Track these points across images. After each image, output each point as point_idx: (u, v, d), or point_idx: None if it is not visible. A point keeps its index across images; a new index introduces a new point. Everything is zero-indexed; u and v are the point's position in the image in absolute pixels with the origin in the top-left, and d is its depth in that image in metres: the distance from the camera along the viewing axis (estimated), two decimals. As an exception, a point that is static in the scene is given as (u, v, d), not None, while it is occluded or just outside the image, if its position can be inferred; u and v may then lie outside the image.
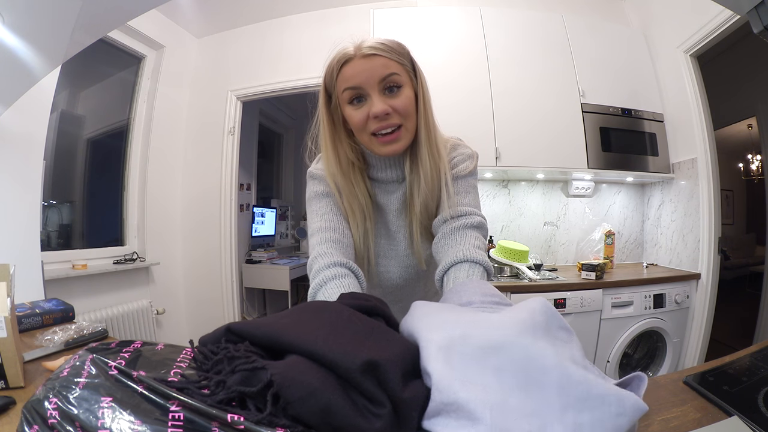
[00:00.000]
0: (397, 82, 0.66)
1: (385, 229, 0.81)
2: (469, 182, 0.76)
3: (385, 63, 0.65)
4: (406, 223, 0.79)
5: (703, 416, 0.52)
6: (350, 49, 0.66)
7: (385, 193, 0.79)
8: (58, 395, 0.30)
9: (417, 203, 0.74)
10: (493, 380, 0.33)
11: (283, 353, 0.37)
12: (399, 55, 0.67)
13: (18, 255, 1.52)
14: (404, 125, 0.68)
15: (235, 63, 2.74)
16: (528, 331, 0.36)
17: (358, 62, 0.65)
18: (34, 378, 0.66)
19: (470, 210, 0.71)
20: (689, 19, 2.04)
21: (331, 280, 0.62)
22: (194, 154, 2.79)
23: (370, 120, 0.66)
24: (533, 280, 1.84)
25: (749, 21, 0.64)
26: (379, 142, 0.68)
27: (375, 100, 0.65)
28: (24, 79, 1.06)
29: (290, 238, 4.25)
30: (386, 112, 0.65)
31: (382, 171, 0.77)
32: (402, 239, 0.80)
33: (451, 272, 0.63)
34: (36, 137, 1.64)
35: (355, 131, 0.71)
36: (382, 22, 2.18)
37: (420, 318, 0.44)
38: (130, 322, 2.19)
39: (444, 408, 0.34)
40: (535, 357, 0.34)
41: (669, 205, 2.34)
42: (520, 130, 2.14)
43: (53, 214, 2.17)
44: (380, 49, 0.65)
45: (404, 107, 0.67)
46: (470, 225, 0.69)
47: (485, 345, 0.35)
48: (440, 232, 0.71)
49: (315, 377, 0.33)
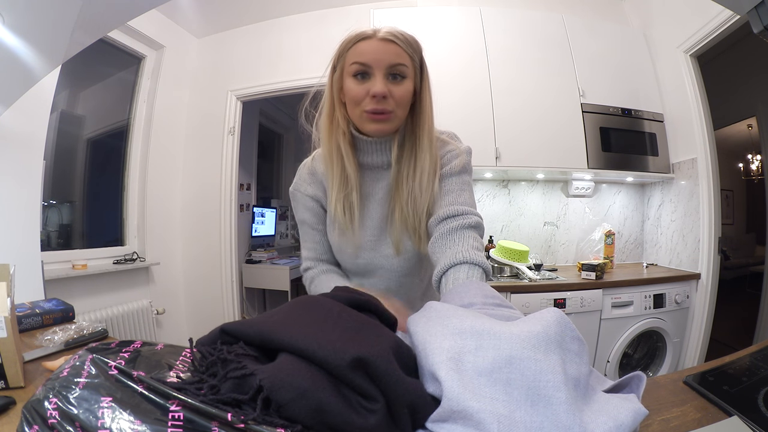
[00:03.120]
0: (402, 73, 0.70)
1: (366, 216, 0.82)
2: (463, 179, 0.76)
3: (398, 52, 0.69)
4: (388, 212, 0.79)
5: (703, 416, 0.52)
6: (369, 31, 0.70)
7: (372, 180, 0.80)
8: (58, 395, 0.30)
9: (404, 191, 0.75)
10: (502, 393, 0.33)
11: (276, 351, 0.37)
12: (412, 49, 0.71)
13: (18, 255, 1.52)
14: (395, 112, 0.71)
15: (235, 63, 2.74)
16: (540, 345, 0.36)
17: (373, 42, 0.69)
18: (34, 378, 0.65)
19: (467, 209, 0.71)
20: (689, 19, 2.04)
21: (318, 276, 0.79)
22: (194, 154, 2.79)
23: (368, 97, 0.70)
24: (533, 280, 1.84)
25: (749, 21, 0.64)
26: (370, 118, 0.71)
27: (378, 81, 0.69)
28: (24, 79, 1.06)
29: (290, 238, 4.25)
30: (384, 95, 0.69)
31: (369, 155, 0.78)
32: (379, 226, 0.81)
33: (450, 274, 0.62)
34: (36, 137, 1.64)
35: (349, 104, 0.73)
36: (382, 22, 2.18)
37: (432, 321, 0.44)
38: (130, 322, 2.19)
39: (452, 415, 0.34)
40: (545, 372, 0.34)
41: (669, 205, 2.34)
42: (520, 130, 2.14)
43: (53, 214, 2.17)
44: (397, 38, 0.69)
45: (401, 97, 0.71)
46: (468, 225, 0.69)
47: (497, 357, 0.35)
48: (437, 232, 0.70)
49: (305, 378, 0.33)
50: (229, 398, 0.31)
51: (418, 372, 0.41)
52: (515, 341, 0.36)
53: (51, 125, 1.75)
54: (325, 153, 0.78)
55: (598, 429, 0.32)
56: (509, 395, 0.33)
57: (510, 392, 0.33)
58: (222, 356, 0.35)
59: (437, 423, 0.35)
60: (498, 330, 0.38)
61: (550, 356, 0.35)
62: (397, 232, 0.77)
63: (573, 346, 0.39)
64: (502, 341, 0.36)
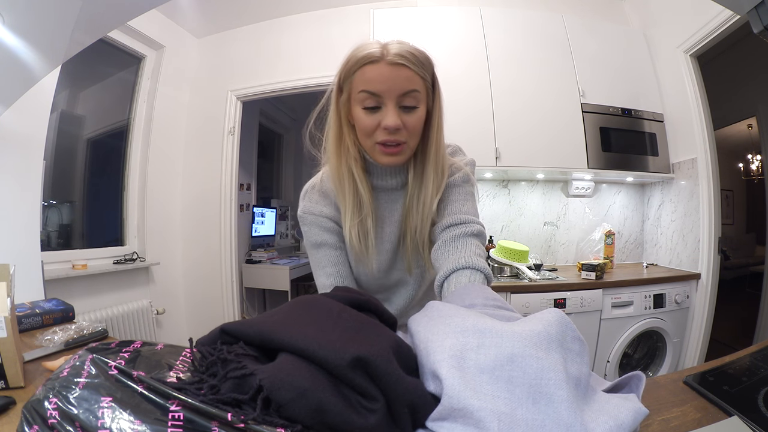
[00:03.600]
0: (415, 101, 0.66)
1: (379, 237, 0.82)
2: (467, 190, 0.77)
3: (410, 77, 0.64)
4: (401, 233, 0.79)
5: (703, 416, 0.52)
6: (377, 51, 0.64)
7: (387, 202, 0.79)
8: (58, 395, 0.30)
9: (415, 211, 0.75)
10: (504, 391, 0.33)
11: (276, 351, 0.37)
12: (423, 70, 0.67)
13: (18, 255, 1.52)
14: (408, 143, 0.69)
15: (235, 63, 2.74)
16: (542, 343, 0.36)
17: (383, 67, 0.64)
18: (34, 378, 0.66)
19: (470, 218, 0.72)
20: (689, 19, 2.04)
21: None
22: (194, 154, 2.79)
23: (379, 129, 0.66)
24: (533, 280, 1.84)
25: (749, 21, 0.64)
26: (383, 151, 0.68)
27: (390, 113, 0.65)
28: (24, 79, 1.06)
29: (290, 238, 4.25)
30: (398, 127, 0.65)
31: (383, 179, 0.77)
32: (392, 249, 0.80)
33: (453, 278, 0.64)
34: (36, 137, 1.64)
35: (360, 134, 0.70)
36: (382, 22, 2.18)
37: (434, 320, 0.45)
38: (130, 322, 2.19)
39: (452, 413, 0.34)
40: (546, 370, 0.34)
41: (669, 205, 2.34)
42: (520, 130, 2.14)
43: (53, 214, 2.17)
44: (408, 60, 0.64)
45: (414, 127, 0.68)
46: (470, 233, 0.70)
47: (499, 355, 0.35)
48: (440, 239, 0.72)
49: (304, 377, 0.33)
50: (229, 398, 0.31)
51: (418, 371, 0.41)
52: (517, 339, 0.36)
53: (51, 125, 1.74)
54: (334, 177, 0.74)
55: (599, 428, 0.32)
56: (511, 393, 0.33)
57: (512, 390, 0.33)
58: (222, 356, 0.35)
59: (437, 422, 0.35)
60: (500, 328, 0.38)
61: (551, 354, 0.35)
62: (410, 252, 0.78)
63: (574, 345, 0.39)
64: (504, 339, 0.36)
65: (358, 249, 0.75)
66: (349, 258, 0.80)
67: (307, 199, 0.80)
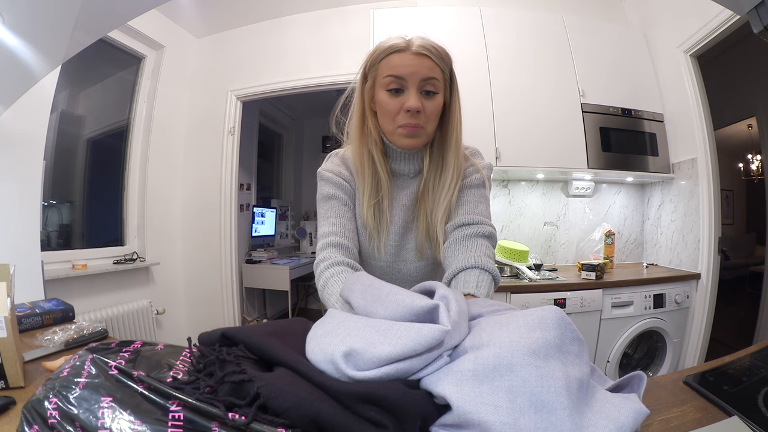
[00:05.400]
0: (435, 87, 0.72)
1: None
2: (481, 192, 0.80)
3: (431, 66, 0.71)
4: (411, 218, 0.82)
5: (703, 416, 0.52)
6: (402, 42, 0.71)
7: (399, 188, 0.82)
8: (58, 395, 0.30)
9: (429, 200, 0.78)
10: (505, 400, 0.33)
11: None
12: (443, 63, 0.73)
13: (18, 255, 1.52)
14: (425, 128, 0.74)
15: (235, 63, 2.74)
16: (540, 351, 0.36)
17: (408, 56, 0.70)
18: (34, 378, 0.65)
19: (482, 219, 0.74)
20: (689, 19, 2.04)
21: (331, 278, 0.67)
22: (194, 154, 2.79)
23: (401, 112, 0.71)
24: (533, 280, 1.84)
25: (749, 21, 0.64)
26: (403, 131, 0.73)
27: (411, 95, 0.70)
28: (24, 79, 1.06)
29: (290, 238, 4.25)
30: (419, 109, 0.70)
31: (400, 163, 0.80)
32: (400, 231, 0.82)
33: (461, 276, 0.65)
34: (36, 137, 1.64)
35: (382, 117, 0.75)
36: (382, 22, 2.18)
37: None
38: (130, 322, 2.18)
39: (458, 423, 0.34)
40: (546, 378, 0.34)
41: (669, 205, 2.34)
42: (519, 130, 2.13)
43: (53, 214, 2.17)
44: (431, 51, 0.71)
45: (432, 112, 0.73)
46: (482, 234, 0.72)
47: (498, 364, 0.35)
48: (451, 238, 0.73)
49: (303, 388, 0.33)
50: (225, 401, 0.31)
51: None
52: (515, 348, 0.36)
53: (51, 125, 1.74)
54: (356, 159, 0.79)
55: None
56: (513, 402, 0.33)
57: (513, 399, 0.33)
58: (221, 357, 0.35)
59: (441, 428, 0.35)
60: (497, 339, 0.38)
61: (549, 362, 0.35)
62: (421, 237, 0.80)
63: (573, 347, 0.39)
64: (502, 349, 0.36)
65: (372, 227, 0.78)
66: (360, 238, 0.82)
67: (329, 162, 0.85)
